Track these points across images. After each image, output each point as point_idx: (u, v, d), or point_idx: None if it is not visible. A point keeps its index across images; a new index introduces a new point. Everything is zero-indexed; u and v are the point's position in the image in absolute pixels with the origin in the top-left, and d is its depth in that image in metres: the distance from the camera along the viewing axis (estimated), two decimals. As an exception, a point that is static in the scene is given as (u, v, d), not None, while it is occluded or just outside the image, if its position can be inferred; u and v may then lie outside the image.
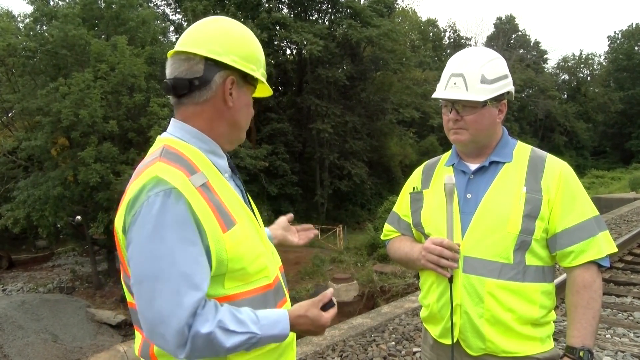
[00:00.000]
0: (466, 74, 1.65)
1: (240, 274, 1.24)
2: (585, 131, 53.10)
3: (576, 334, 1.57)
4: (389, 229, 2.01)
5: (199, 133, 1.31)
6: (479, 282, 1.62)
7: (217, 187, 1.25)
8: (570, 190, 1.63)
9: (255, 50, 1.37)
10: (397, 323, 4.95)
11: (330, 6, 29.42)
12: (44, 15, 18.32)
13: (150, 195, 1.13)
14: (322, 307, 1.32)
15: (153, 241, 1.11)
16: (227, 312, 1.17)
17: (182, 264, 1.11)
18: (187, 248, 1.12)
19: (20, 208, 16.78)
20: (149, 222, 1.11)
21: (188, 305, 1.10)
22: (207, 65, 1.27)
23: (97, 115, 15.98)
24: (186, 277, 1.11)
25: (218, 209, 1.21)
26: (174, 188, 1.14)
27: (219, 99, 1.30)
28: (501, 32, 55.05)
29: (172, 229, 1.12)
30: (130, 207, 1.15)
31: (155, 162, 1.20)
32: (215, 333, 1.12)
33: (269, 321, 1.22)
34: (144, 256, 1.12)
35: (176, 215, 1.12)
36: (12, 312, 14.05)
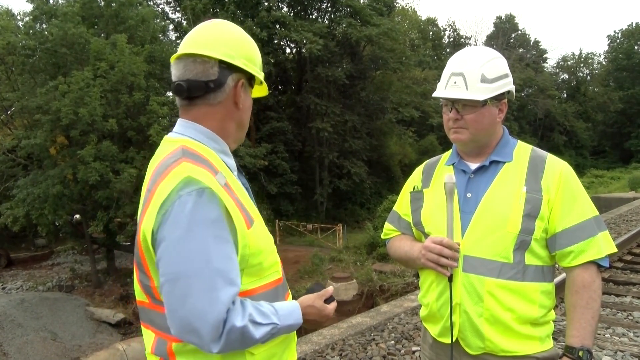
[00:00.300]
0: (466, 73, 1.65)
1: (256, 268, 1.28)
2: (585, 130, 53.11)
3: (575, 334, 1.57)
4: (389, 228, 2.02)
5: (212, 134, 1.35)
6: (478, 281, 1.62)
7: (234, 186, 1.30)
8: (571, 190, 1.63)
9: (257, 53, 1.43)
10: (397, 322, 4.95)
11: (329, 5, 29.41)
12: (44, 13, 18.28)
13: (182, 194, 1.15)
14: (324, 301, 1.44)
15: (187, 239, 1.13)
16: (252, 306, 1.22)
17: (217, 261, 1.14)
18: (221, 245, 1.16)
19: (19, 206, 16.76)
20: (183, 220, 1.13)
21: (225, 300, 1.13)
22: (221, 68, 1.32)
23: (97, 113, 15.96)
24: (221, 273, 1.14)
25: (241, 206, 1.26)
26: (207, 187, 1.17)
27: (231, 101, 1.35)
28: (501, 31, 55.05)
29: (206, 226, 1.14)
30: (161, 207, 1.16)
31: (181, 162, 1.22)
32: (248, 326, 1.17)
33: (285, 312, 1.30)
34: (179, 254, 1.14)
35: (209, 213, 1.15)
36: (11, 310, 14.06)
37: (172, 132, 1.38)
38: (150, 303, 1.28)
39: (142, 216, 1.23)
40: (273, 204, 25.43)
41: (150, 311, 1.29)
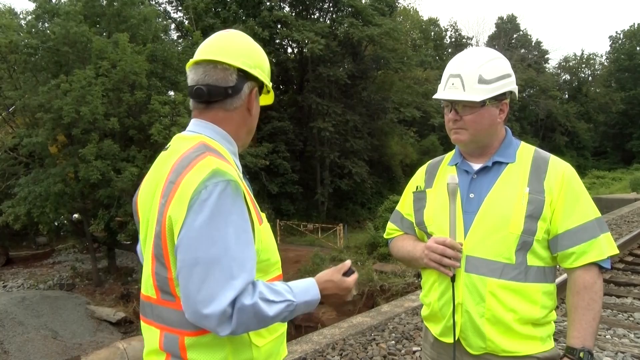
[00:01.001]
0: (463, 75, 1.66)
1: (265, 264, 1.35)
2: (586, 131, 53.07)
3: (576, 335, 1.58)
4: (392, 228, 2.02)
5: (228, 135, 1.43)
6: (480, 282, 1.63)
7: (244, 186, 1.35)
8: (573, 192, 1.63)
9: (267, 63, 1.52)
10: (397, 322, 4.95)
11: (331, 5, 29.41)
12: (46, 12, 18.30)
13: (208, 184, 1.21)
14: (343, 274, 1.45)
15: (210, 227, 1.18)
16: (263, 285, 1.26)
17: (237, 250, 1.20)
18: (241, 235, 1.22)
19: (21, 204, 16.78)
20: (207, 208, 1.19)
21: (238, 287, 1.18)
22: (239, 76, 1.40)
23: (98, 112, 15.98)
24: (239, 261, 1.20)
25: (254, 203, 1.35)
26: (234, 180, 1.24)
27: (245, 107, 1.44)
28: (502, 31, 55.00)
29: (229, 216, 1.20)
30: (191, 197, 1.21)
31: (206, 156, 1.28)
32: (259, 303, 1.20)
33: (300, 289, 1.34)
34: (199, 240, 1.18)
35: (234, 203, 1.22)
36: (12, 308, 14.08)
37: (186, 130, 1.44)
38: (159, 298, 1.31)
39: (167, 206, 1.26)
40: (274, 203, 25.43)
41: (158, 307, 1.32)
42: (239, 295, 1.18)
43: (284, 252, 19.77)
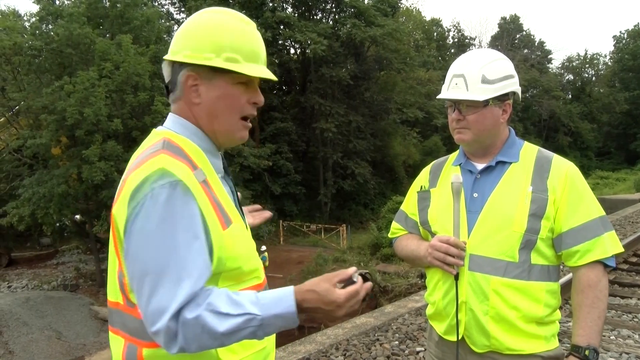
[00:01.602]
0: (467, 75, 1.68)
1: (235, 273, 1.21)
2: (590, 132, 52.93)
3: (581, 333, 1.58)
4: (396, 227, 2.04)
5: (197, 130, 1.29)
6: (484, 280, 1.64)
7: (214, 186, 1.25)
8: (577, 190, 1.64)
9: (211, 36, 1.26)
10: (401, 323, 4.96)
11: (334, 6, 29.42)
12: (50, 14, 18.38)
13: (155, 187, 1.10)
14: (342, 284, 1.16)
15: (157, 235, 1.08)
16: (221, 294, 1.10)
17: (185, 258, 1.08)
18: (191, 242, 1.10)
19: (25, 206, 16.84)
20: (155, 214, 1.08)
21: (180, 299, 1.05)
22: (174, 67, 1.28)
23: (102, 113, 16.03)
24: (186, 271, 1.07)
25: (218, 206, 1.20)
26: (181, 181, 1.12)
27: (188, 97, 1.28)
28: (505, 31, 54.93)
29: (178, 222, 1.09)
30: (132, 198, 1.11)
31: (158, 154, 1.17)
32: (204, 317, 1.05)
33: (270, 300, 1.11)
34: (149, 249, 1.08)
35: (182, 208, 1.10)
36: (16, 309, 14.12)
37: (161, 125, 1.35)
38: (125, 305, 1.21)
39: (114, 204, 1.19)
40: (277, 204, 25.44)
41: (124, 314, 1.21)
42: (185, 308, 1.06)
43: (287, 252, 19.82)
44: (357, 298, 1.16)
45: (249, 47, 1.28)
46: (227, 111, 1.28)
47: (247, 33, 1.30)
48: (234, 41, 1.26)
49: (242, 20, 1.31)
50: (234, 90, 1.27)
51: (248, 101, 1.31)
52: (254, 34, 1.32)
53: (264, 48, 1.35)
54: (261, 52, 1.33)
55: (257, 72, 1.28)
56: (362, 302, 1.20)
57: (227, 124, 1.29)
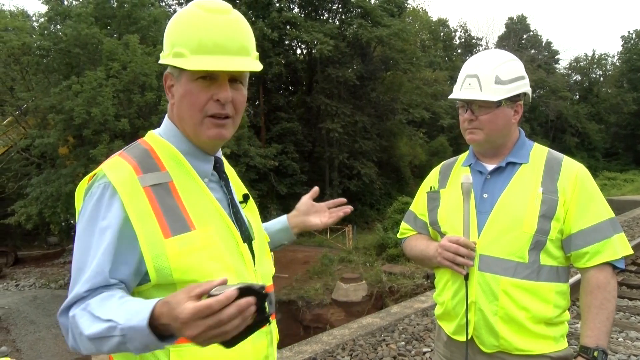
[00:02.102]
0: (480, 75, 1.68)
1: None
2: (597, 132, 52.59)
3: (590, 334, 1.58)
4: (405, 227, 2.04)
5: (179, 132, 1.26)
6: (493, 280, 1.64)
7: (184, 190, 1.18)
8: (587, 192, 1.64)
9: (169, 33, 1.21)
10: (407, 323, 4.96)
11: (340, 6, 29.41)
12: (58, 14, 18.49)
13: (95, 186, 1.14)
14: (206, 296, 0.88)
15: (85, 233, 1.12)
16: (108, 298, 1.03)
17: (96, 260, 1.08)
18: (104, 246, 1.08)
19: (32, 204, 16.95)
20: (87, 213, 1.13)
21: (70, 295, 1.07)
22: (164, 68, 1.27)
23: (109, 113, 16.10)
24: (94, 272, 1.07)
25: (167, 212, 1.12)
26: (110, 183, 1.12)
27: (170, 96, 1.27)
28: (512, 32, 54.69)
29: (98, 223, 1.11)
30: (84, 193, 1.18)
31: (114, 156, 1.20)
32: (77, 316, 1.01)
33: (132, 310, 0.96)
34: (77, 245, 1.13)
35: (105, 209, 1.11)
36: (24, 307, 14.24)
37: None
38: None
39: None
40: (283, 204, 25.45)
41: None
42: (72, 306, 1.06)
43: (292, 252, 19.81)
44: (215, 317, 0.86)
45: (199, 38, 1.15)
46: (189, 109, 1.20)
47: (207, 22, 1.16)
48: (183, 34, 1.17)
49: (207, 9, 1.17)
50: (193, 87, 1.18)
51: (212, 98, 1.18)
52: (217, 23, 1.17)
53: (238, 37, 1.20)
54: (226, 41, 1.17)
55: (200, 65, 1.13)
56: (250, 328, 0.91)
57: (191, 123, 1.21)
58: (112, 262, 1.08)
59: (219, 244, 1.18)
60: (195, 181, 1.22)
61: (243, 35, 1.22)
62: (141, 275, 1.12)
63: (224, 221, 1.23)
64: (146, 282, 1.13)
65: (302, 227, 1.67)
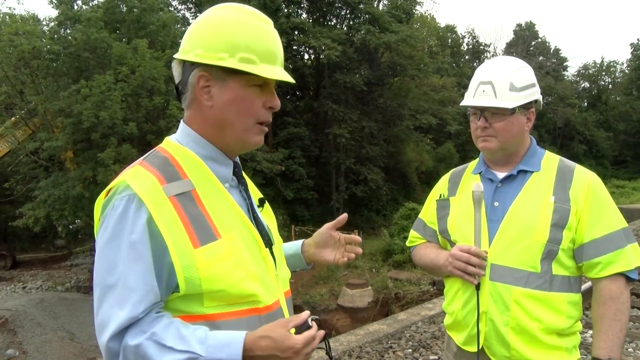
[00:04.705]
0: (495, 82, 1.66)
1: (221, 295, 1.11)
2: (606, 140, 52.24)
3: (603, 345, 1.56)
4: (415, 236, 2.02)
5: (198, 137, 1.22)
6: (505, 290, 1.62)
7: (207, 197, 1.16)
8: (599, 201, 1.62)
9: (226, 36, 1.17)
10: (414, 330, 4.93)
11: (348, 12, 29.47)
12: (68, 19, 18.65)
13: (116, 199, 1.09)
14: (296, 329, 1.08)
15: (110, 248, 1.07)
16: (169, 325, 1.05)
17: (129, 278, 1.04)
18: (134, 262, 1.05)
19: (40, 207, 17.06)
20: (109, 227, 1.08)
21: (119, 321, 1.03)
22: (185, 67, 1.20)
23: (117, 117, 16.19)
24: (129, 292, 1.04)
25: (194, 221, 1.11)
26: (136, 195, 1.08)
27: (198, 100, 1.20)
28: (520, 38, 54.51)
29: (126, 238, 1.06)
30: (103, 208, 1.13)
31: (134, 166, 1.16)
32: (144, 346, 1.01)
33: (217, 342, 1.03)
34: (100, 261, 1.09)
35: (132, 224, 1.06)
36: (31, 310, 14.27)
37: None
38: None
39: None
40: (289, 209, 25.45)
41: None
42: (129, 331, 1.03)
43: (298, 257, 19.76)
44: (312, 345, 1.09)
45: (265, 46, 1.19)
46: (240, 115, 1.19)
47: (264, 32, 1.21)
48: (250, 40, 1.17)
49: (259, 18, 1.21)
50: (248, 93, 1.19)
51: (264, 105, 1.22)
52: (272, 33, 1.23)
53: (281, 48, 1.27)
54: (279, 52, 1.24)
55: (274, 74, 1.18)
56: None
57: (241, 128, 1.21)
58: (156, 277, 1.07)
59: (243, 251, 1.17)
60: (217, 187, 1.21)
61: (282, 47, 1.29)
62: (172, 289, 1.10)
63: (247, 227, 1.22)
64: (173, 293, 1.12)
65: (314, 259, 1.57)
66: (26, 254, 24.66)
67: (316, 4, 28.52)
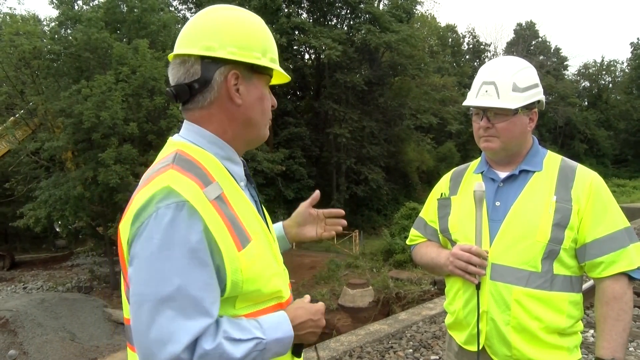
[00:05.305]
0: (498, 82, 1.65)
1: (254, 295, 1.14)
2: (606, 139, 52.27)
3: (606, 346, 1.55)
4: (415, 234, 2.02)
5: (215, 137, 1.20)
6: (506, 290, 1.62)
7: (233, 199, 1.15)
8: (601, 201, 1.62)
9: (257, 36, 1.22)
10: (415, 330, 4.92)
11: (349, 11, 29.47)
12: (69, 19, 18.66)
13: (160, 207, 1.02)
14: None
15: (160, 259, 1.00)
16: (228, 322, 1.08)
17: (191, 287, 1.01)
18: (197, 269, 1.02)
19: (41, 207, 17.06)
20: (157, 237, 1.00)
21: (193, 330, 1.00)
22: (205, 64, 1.16)
23: (118, 117, 16.20)
24: (194, 301, 1.01)
25: (233, 224, 1.11)
26: (187, 201, 1.03)
27: (225, 98, 1.18)
28: (521, 38, 54.50)
29: (182, 247, 1.01)
30: (137, 217, 1.04)
31: (167, 170, 1.09)
32: (223, 345, 1.02)
33: (271, 324, 1.13)
34: (149, 275, 1.01)
35: (187, 232, 1.02)
36: (32, 310, 14.26)
37: (177, 134, 1.26)
38: None
39: (120, 223, 1.12)
40: (290, 209, 25.36)
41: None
42: (199, 339, 1.01)
43: (299, 258, 19.77)
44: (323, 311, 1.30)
45: (276, 50, 1.29)
46: (262, 113, 1.25)
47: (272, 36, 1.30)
48: (271, 42, 1.26)
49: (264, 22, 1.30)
50: (266, 93, 1.25)
51: (272, 104, 1.29)
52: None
53: None
54: None
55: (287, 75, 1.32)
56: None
57: (262, 126, 1.28)
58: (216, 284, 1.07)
59: (267, 251, 1.22)
60: (237, 188, 1.20)
61: None
62: (220, 293, 1.09)
63: (262, 226, 1.23)
64: None
65: (297, 239, 1.63)
66: (27, 254, 24.70)
67: (317, 4, 28.53)
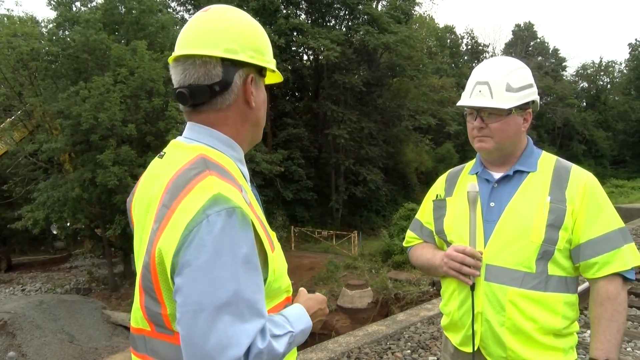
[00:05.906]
0: (491, 82, 1.66)
1: (276, 291, 1.19)
2: (605, 140, 52.34)
3: (600, 347, 1.55)
4: (411, 236, 2.02)
5: (230, 140, 1.20)
6: (500, 291, 1.62)
7: (253, 202, 1.16)
8: (596, 201, 1.62)
9: (264, 39, 1.26)
10: (413, 331, 4.92)
11: (347, 12, 29.48)
12: (67, 20, 18.67)
13: (209, 214, 1.00)
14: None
15: (215, 267, 0.99)
16: (268, 319, 1.10)
17: (246, 291, 1.01)
18: (250, 273, 1.03)
19: (40, 209, 17.04)
20: (210, 244, 0.99)
21: (252, 333, 1.00)
22: (225, 66, 1.15)
23: (116, 118, 16.19)
24: (249, 304, 1.01)
25: (264, 227, 1.14)
26: (238, 207, 1.03)
27: (241, 100, 1.20)
28: (519, 39, 54.59)
29: (236, 253, 1.01)
30: (186, 227, 1.01)
31: (207, 176, 1.06)
32: (272, 343, 1.06)
33: (294, 317, 1.19)
34: (205, 284, 0.99)
35: (240, 236, 1.02)
36: (30, 312, 14.23)
37: (183, 136, 1.22)
38: (154, 331, 1.13)
39: (158, 235, 1.06)
40: (288, 210, 25.45)
41: (152, 340, 1.14)
42: (254, 341, 1.02)
43: (298, 259, 19.76)
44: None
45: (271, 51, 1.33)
46: (264, 115, 1.30)
47: None
48: (270, 47, 1.30)
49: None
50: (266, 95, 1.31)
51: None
52: None
53: None
54: None
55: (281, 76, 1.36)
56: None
57: (261, 130, 1.33)
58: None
59: (280, 250, 1.25)
60: (249, 190, 1.20)
61: None
62: None
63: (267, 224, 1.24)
64: None
65: None
66: (25, 256, 24.65)
67: (315, 5, 28.54)
